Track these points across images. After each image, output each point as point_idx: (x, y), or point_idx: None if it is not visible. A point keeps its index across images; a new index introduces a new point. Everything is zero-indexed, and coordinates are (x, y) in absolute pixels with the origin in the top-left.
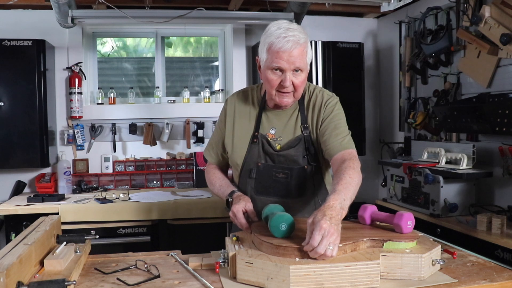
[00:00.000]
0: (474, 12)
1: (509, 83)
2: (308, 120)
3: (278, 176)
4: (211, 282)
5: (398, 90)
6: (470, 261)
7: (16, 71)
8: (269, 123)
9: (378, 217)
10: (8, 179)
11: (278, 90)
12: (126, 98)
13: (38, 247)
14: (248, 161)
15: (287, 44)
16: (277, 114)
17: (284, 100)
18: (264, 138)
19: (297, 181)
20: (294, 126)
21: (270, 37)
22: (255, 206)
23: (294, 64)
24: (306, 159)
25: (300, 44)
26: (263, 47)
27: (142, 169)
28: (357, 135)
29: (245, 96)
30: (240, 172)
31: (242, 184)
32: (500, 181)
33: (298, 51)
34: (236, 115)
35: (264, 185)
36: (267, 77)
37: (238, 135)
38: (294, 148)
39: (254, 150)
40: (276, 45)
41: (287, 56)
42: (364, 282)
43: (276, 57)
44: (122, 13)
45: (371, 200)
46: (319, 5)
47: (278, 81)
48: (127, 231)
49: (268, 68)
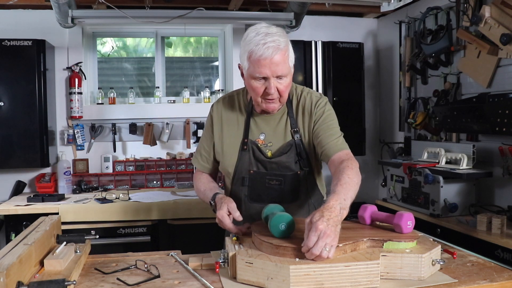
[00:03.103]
0: (474, 12)
1: (509, 83)
2: (298, 124)
3: (272, 183)
4: (211, 282)
5: (398, 90)
6: (470, 261)
7: (16, 71)
8: (258, 128)
9: (378, 217)
10: (8, 179)
11: (263, 97)
12: (126, 98)
13: (38, 247)
14: (240, 169)
15: (267, 51)
16: (265, 119)
17: (271, 106)
18: (254, 145)
19: (291, 187)
20: (284, 130)
21: (249, 44)
22: (250, 213)
23: (276, 72)
24: (299, 164)
25: (280, 49)
26: (243, 55)
27: (142, 169)
28: (357, 135)
29: (231, 102)
30: (232, 180)
31: (235, 192)
32: (500, 181)
33: (279, 57)
34: (223, 121)
35: (258, 192)
36: (251, 86)
37: (227, 142)
38: (286, 154)
39: (245, 157)
40: (256, 53)
41: (269, 63)
42: (364, 282)
43: (258, 66)
44: (122, 13)
45: (371, 200)
46: (319, 5)
47: (262, 88)
48: (127, 231)
49: (251, 77)
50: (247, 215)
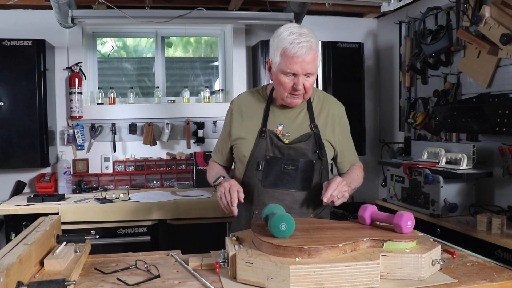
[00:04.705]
0: (474, 12)
1: (509, 83)
2: (318, 122)
3: (287, 168)
4: (211, 282)
5: (398, 90)
6: (470, 261)
7: (16, 71)
8: (276, 119)
9: (378, 217)
10: (8, 179)
11: (290, 92)
12: (126, 98)
13: (38, 247)
14: (256, 154)
15: (301, 50)
16: (284, 111)
17: (295, 101)
18: (272, 133)
19: (305, 174)
20: (302, 123)
21: (283, 42)
22: (262, 199)
23: (307, 70)
24: (317, 153)
25: (312, 50)
26: (275, 51)
27: (142, 169)
28: (357, 135)
29: (251, 95)
30: (247, 164)
31: (249, 177)
32: (500, 181)
33: (311, 57)
34: (243, 113)
35: (272, 177)
36: (279, 80)
37: (246, 130)
38: (305, 142)
39: (262, 143)
40: (290, 51)
41: (301, 61)
42: (364, 282)
43: (290, 63)
44: (122, 13)
45: (371, 200)
46: (319, 5)
47: (290, 84)
48: (127, 231)
49: (281, 72)
50: (259, 201)
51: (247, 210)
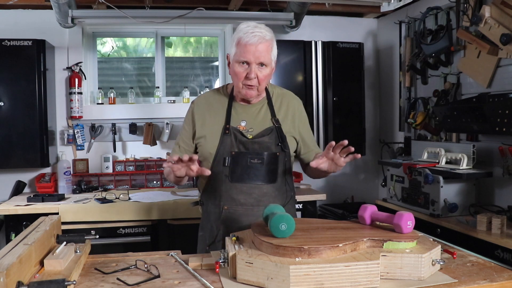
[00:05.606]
0: (474, 12)
1: (509, 83)
2: (278, 116)
3: (253, 162)
4: (211, 282)
5: (398, 90)
6: (470, 261)
7: (16, 71)
8: (238, 116)
9: (378, 217)
10: (8, 179)
11: (244, 83)
12: (126, 98)
13: (38, 247)
14: (221, 151)
15: (254, 38)
16: (246, 108)
17: (249, 92)
18: (235, 130)
19: (270, 167)
20: (263, 118)
21: (239, 33)
22: (231, 194)
23: (259, 59)
24: (280, 146)
25: (265, 40)
26: (232, 43)
27: (142, 169)
28: (357, 135)
29: (212, 95)
30: (213, 161)
31: (215, 173)
32: (500, 181)
33: (263, 46)
34: (205, 112)
35: (239, 172)
36: (234, 70)
37: (210, 128)
38: (268, 136)
39: (227, 140)
40: (243, 39)
41: (253, 49)
42: (364, 282)
43: (244, 51)
44: (122, 13)
45: (371, 200)
46: (319, 5)
47: (244, 73)
48: (127, 231)
49: (235, 62)
50: (227, 196)
51: (216, 206)
